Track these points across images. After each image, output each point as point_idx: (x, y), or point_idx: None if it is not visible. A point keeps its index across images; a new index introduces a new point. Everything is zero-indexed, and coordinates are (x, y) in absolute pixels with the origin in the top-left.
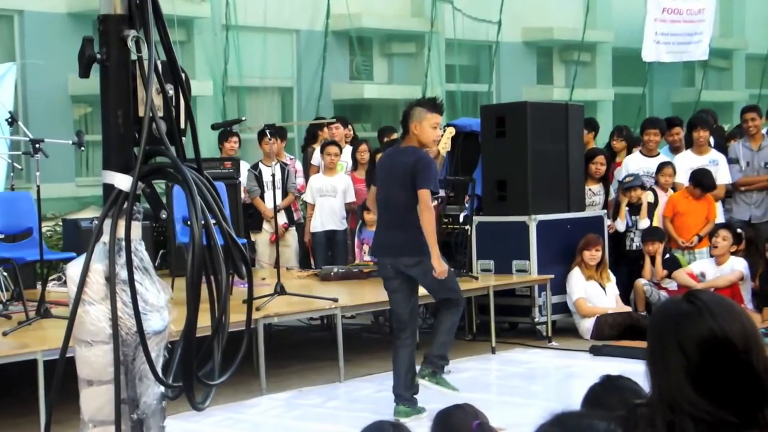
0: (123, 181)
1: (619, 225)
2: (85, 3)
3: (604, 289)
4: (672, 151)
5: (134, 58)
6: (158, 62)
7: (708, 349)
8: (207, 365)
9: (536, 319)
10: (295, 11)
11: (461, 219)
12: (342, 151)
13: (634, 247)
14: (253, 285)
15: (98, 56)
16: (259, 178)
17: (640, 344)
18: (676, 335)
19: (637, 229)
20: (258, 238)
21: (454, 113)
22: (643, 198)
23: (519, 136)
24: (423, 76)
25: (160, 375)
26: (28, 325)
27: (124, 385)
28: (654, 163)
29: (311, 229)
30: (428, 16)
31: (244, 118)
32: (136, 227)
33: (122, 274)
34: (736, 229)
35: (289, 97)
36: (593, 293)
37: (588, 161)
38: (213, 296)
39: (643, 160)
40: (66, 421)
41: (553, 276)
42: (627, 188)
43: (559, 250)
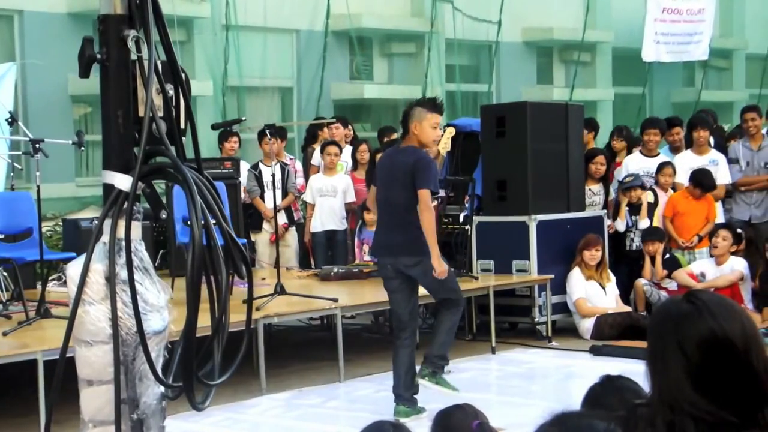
0: (123, 181)
1: (619, 225)
2: (84, 3)
3: (604, 289)
4: (672, 151)
5: (134, 58)
6: (158, 62)
7: (708, 349)
8: (207, 365)
9: (536, 319)
10: (295, 11)
11: (461, 219)
12: (342, 151)
13: (634, 247)
14: (253, 285)
15: (98, 56)
16: (259, 178)
17: (640, 344)
18: (677, 335)
19: (637, 229)
20: (258, 238)
21: (454, 113)
22: (643, 198)
23: (519, 136)
24: (423, 76)
25: (160, 375)
26: (28, 325)
27: (124, 385)
28: (654, 163)
29: (311, 229)
30: (428, 16)
31: (244, 118)
32: (136, 227)
33: (122, 274)
34: (736, 230)
35: (289, 97)
36: (593, 293)
37: (588, 161)
38: (213, 296)
39: (643, 160)
40: (66, 421)
41: (553, 276)
42: (627, 188)
43: (559, 250)
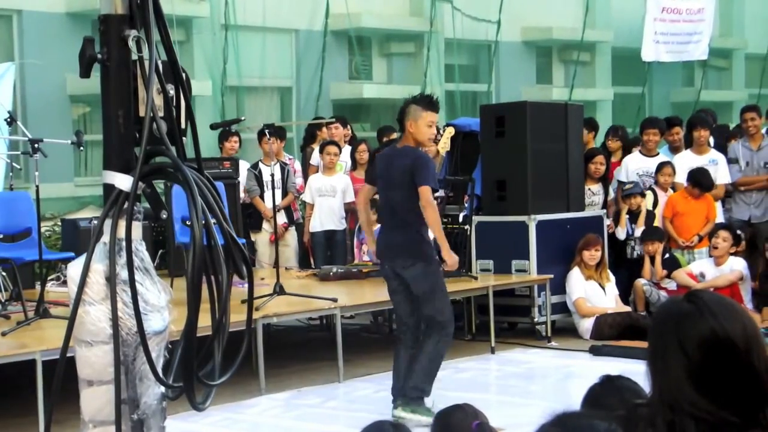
0: (123, 181)
1: (620, 233)
2: (83, 3)
3: (604, 289)
4: (671, 151)
5: (135, 58)
6: (159, 62)
7: (709, 349)
8: (207, 365)
9: (536, 319)
10: (294, 11)
11: (461, 219)
12: (341, 151)
13: (635, 256)
14: (253, 285)
15: (99, 56)
16: (258, 178)
17: (640, 344)
18: (677, 335)
19: (636, 237)
20: (258, 238)
21: (454, 113)
22: (643, 206)
23: (518, 136)
24: (422, 75)
25: (161, 375)
26: (27, 325)
27: (125, 385)
28: (653, 163)
29: (310, 228)
30: (427, 15)
31: (243, 118)
32: (137, 227)
33: (123, 274)
34: (736, 230)
35: (288, 96)
36: (593, 293)
37: (587, 161)
38: (213, 296)
39: (642, 160)
40: (66, 421)
41: (552, 276)
42: (626, 195)
43: (559, 250)
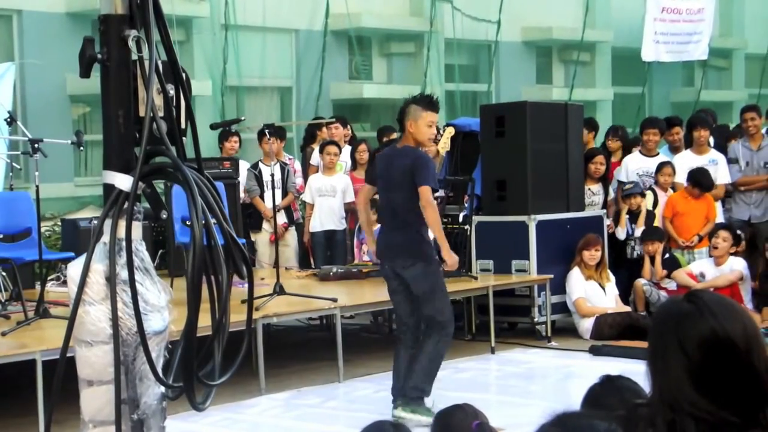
0: (123, 181)
1: (620, 233)
2: (83, 3)
3: (604, 289)
4: (671, 151)
5: (135, 58)
6: (159, 62)
7: (709, 349)
8: (207, 365)
9: (536, 319)
10: (294, 11)
11: (460, 219)
12: (341, 151)
13: (635, 256)
14: (253, 285)
15: (99, 56)
16: (259, 178)
17: (640, 344)
18: (677, 335)
19: (636, 237)
20: (258, 238)
21: (454, 113)
22: (643, 206)
23: (518, 136)
24: (422, 75)
25: (161, 375)
26: (27, 325)
27: (125, 385)
28: (653, 162)
29: (310, 228)
30: (427, 15)
31: (243, 118)
32: (137, 227)
33: (123, 274)
34: (736, 230)
35: (288, 96)
36: (593, 293)
37: (587, 161)
38: (213, 296)
39: (642, 159)
40: (66, 421)
41: (552, 276)
42: (626, 195)
43: (559, 250)
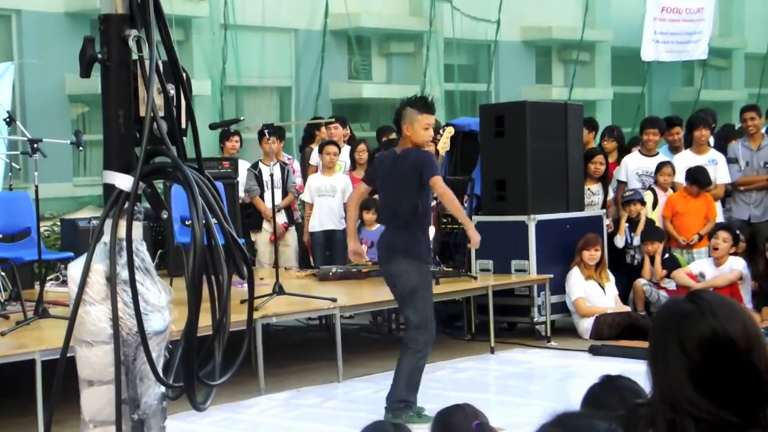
0: (124, 181)
1: (618, 241)
2: (82, 3)
3: (604, 288)
4: (671, 151)
5: (135, 57)
6: (159, 62)
7: (709, 349)
8: (208, 365)
9: (535, 319)
10: (294, 11)
11: None
12: (340, 151)
13: (635, 263)
14: (254, 285)
15: (99, 56)
16: (259, 178)
17: (640, 344)
18: (678, 335)
19: (635, 246)
20: (258, 238)
21: (453, 113)
22: (642, 213)
23: (518, 136)
24: (422, 75)
25: (161, 375)
26: (26, 325)
27: (125, 385)
28: (653, 162)
29: (309, 228)
30: (427, 15)
31: (242, 118)
32: (137, 227)
33: (123, 274)
34: (736, 230)
35: (288, 96)
36: (592, 293)
37: (587, 161)
38: (213, 296)
39: (642, 159)
40: (65, 421)
41: (552, 276)
42: (626, 202)
43: (558, 250)
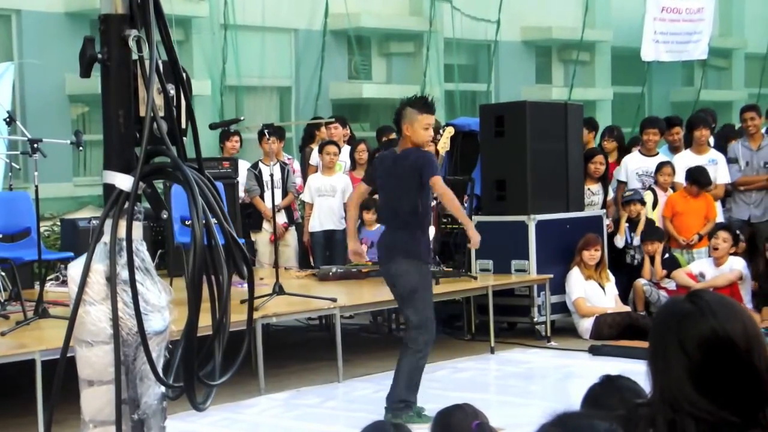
0: (124, 181)
1: (618, 241)
2: (82, 3)
3: (604, 288)
4: (671, 151)
5: (135, 57)
6: (159, 62)
7: (709, 349)
8: (208, 365)
9: (535, 319)
10: (294, 11)
11: None
12: (340, 151)
13: (635, 263)
14: (254, 285)
15: (99, 56)
16: (259, 178)
17: (640, 344)
18: (678, 335)
19: (635, 246)
20: (258, 238)
21: (453, 113)
22: (642, 214)
23: (518, 136)
24: (422, 75)
25: (161, 375)
26: (26, 325)
27: (125, 385)
28: (653, 162)
29: (309, 228)
30: (427, 15)
31: (242, 118)
32: (137, 227)
33: (123, 274)
34: (735, 231)
35: (288, 96)
36: (592, 293)
37: (587, 161)
38: (214, 296)
39: (642, 159)
40: (65, 421)
41: (552, 276)
42: (626, 202)
43: (558, 250)
